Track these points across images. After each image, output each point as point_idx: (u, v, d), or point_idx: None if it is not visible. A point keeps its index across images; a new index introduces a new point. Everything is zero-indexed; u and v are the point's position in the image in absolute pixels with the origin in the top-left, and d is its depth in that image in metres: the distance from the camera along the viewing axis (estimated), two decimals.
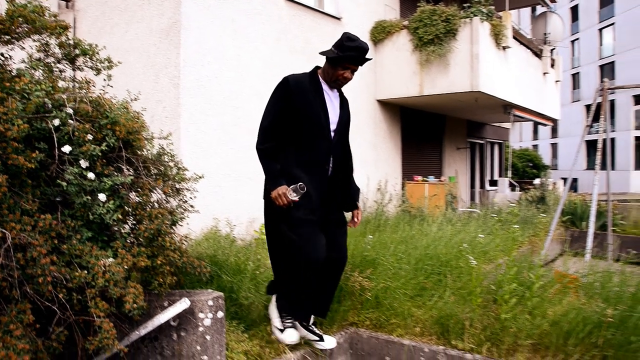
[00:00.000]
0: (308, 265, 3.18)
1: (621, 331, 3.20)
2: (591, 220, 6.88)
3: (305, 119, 3.24)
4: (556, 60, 14.64)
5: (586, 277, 4.17)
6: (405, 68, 10.47)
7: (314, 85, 3.32)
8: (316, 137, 3.29)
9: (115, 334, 2.40)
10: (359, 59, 3.26)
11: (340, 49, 3.21)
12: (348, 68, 3.26)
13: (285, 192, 3.11)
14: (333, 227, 3.46)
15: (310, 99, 3.27)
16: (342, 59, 3.21)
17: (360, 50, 3.22)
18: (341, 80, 3.32)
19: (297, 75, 3.34)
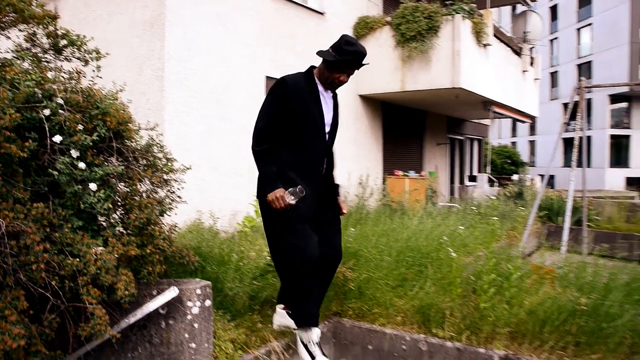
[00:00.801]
0: (302, 263, 3.18)
1: (593, 318, 3.33)
2: (567, 216, 7.06)
3: (302, 121, 3.22)
4: (535, 58, 14.87)
5: (561, 268, 4.31)
6: (388, 64, 10.57)
7: (310, 86, 3.28)
8: (312, 138, 3.28)
9: (108, 320, 2.45)
10: (357, 63, 3.22)
11: (338, 52, 3.16)
12: (345, 72, 3.22)
13: (283, 196, 3.08)
14: (327, 226, 3.46)
15: (307, 101, 3.24)
16: (340, 62, 3.17)
17: (359, 54, 3.18)
18: (336, 83, 3.28)
19: (294, 76, 3.29)
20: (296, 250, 3.18)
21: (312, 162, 3.32)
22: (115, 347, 3.01)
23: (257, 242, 5.82)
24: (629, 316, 3.28)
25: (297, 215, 3.19)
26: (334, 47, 3.20)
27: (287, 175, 3.22)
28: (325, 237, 3.39)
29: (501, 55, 12.22)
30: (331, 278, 3.65)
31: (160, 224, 2.95)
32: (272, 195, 3.11)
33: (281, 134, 3.25)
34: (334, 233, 3.53)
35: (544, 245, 6.08)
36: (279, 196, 3.08)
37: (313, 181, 3.31)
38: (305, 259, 3.18)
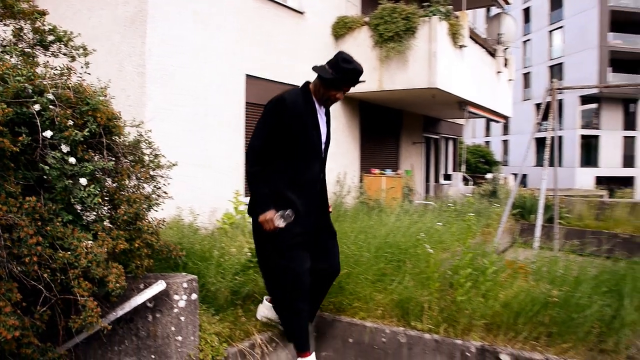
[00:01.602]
0: (295, 287, 3.28)
1: (564, 310, 3.49)
2: (539, 213, 7.27)
3: (301, 142, 3.22)
4: (509, 60, 15.17)
5: (534, 263, 4.47)
6: (366, 64, 10.60)
7: (308, 104, 3.27)
8: (311, 158, 3.29)
9: (100, 312, 2.51)
10: (354, 81, 3.20)
11: (336, 70, 3.13)
12: (342, 89, 3.21)
13: (273, 218, 3.12)
14: (325, 238, 3.54)
15: (307, 121, 3.23)
16: (338, 80, 3.15)
17: (357, 72, 3.16)
18: (332, 100, 3.27)
19: (292, 95, 3.26)
20: (289, 273, 3.28)
21: (311, 181, 3.33)
22: (104, 340, 3.06)
23: (237, 238, 5.89)
24: (597, 307, 3.45)
25: (293, 237, 3.25)
26: (331, 65, 3.17)
27: (286, 196, 3.24)
28: (323, 250, 3.48)
29: (476, 56, 12.45)
30: (327, 290, 3.78)
31: (148, 219, 3.01)
32: (262, 218, 3.15)
33: (279, 154, 3.23)
34: (332, 245, 3.60)
35: (517, 242, 6.27)
36: (269, 219, 3.13)
37: (312, 198, 3.35)
38: (298, 284, 3.28)
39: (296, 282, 3.31)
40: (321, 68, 3.21)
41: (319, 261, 3.49)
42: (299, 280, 3.32)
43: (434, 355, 3.63)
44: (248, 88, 8.52)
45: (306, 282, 3.36)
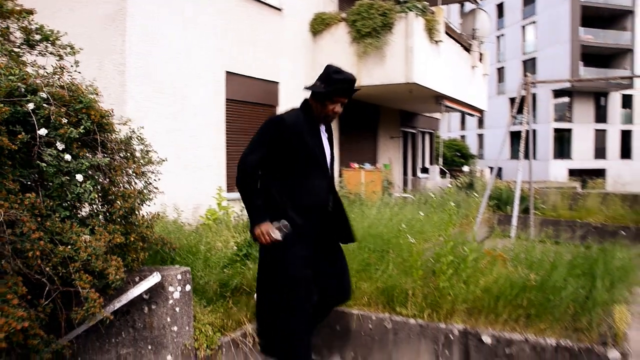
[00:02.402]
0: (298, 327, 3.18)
1: (542, 292, 3.68)
2: (515, 204, 7.49)
3: (306, 163, 3.12)
4: (484, 54, 15.44)
5: (512, 250, 4.66)
6: (344, 59, 10.82)
7: (309, 123, 3.17)
8: (318, 178, 3.17)
9: (102, 303, 2.60)
10: (348, 91, 3.12)
11: (327, 82, 3.08)
12: (337, 102, 3.10)
13: (269, 230, 3.00)
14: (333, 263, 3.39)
15: (309, 142, 3.11)
16: (331, 93, 3.07)
17: (349, 81, 3.10)
18: (331, 116, 3.16)
19: (293, 116, 3.16)
20: (293, 312, 3.14)
21: (318, 203, 3.21)
22: (102, 333, 3.15)
23: (222, 233, 5.97)
24: (572, 289, 3.64)
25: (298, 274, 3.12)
26: (321, 79, 3.13)
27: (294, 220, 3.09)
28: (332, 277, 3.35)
29: (452, 51, 12.67)
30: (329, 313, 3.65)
31: (142, 213, 3.10)
32: (257, 230, 3.03)
33: (282, 174, 3.13)
34: (343, 271, 3.45)
35: (495, 232, 6.46)
36: (265, 231, 3.01)
37: (318, 222, 3.22)
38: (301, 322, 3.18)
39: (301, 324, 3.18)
40: (313, 85, 3.16)
41: (327, 287, 3.36)
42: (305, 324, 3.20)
43: (419, 339, 3.78)
44: (228, 85, 8.58)
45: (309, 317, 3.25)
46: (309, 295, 3.22)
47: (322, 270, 3.31)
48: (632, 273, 4.14)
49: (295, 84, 10.45)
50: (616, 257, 4.12)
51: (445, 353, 3.73)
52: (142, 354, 3.22)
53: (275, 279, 3.18)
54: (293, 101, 10.34)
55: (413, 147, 17.82)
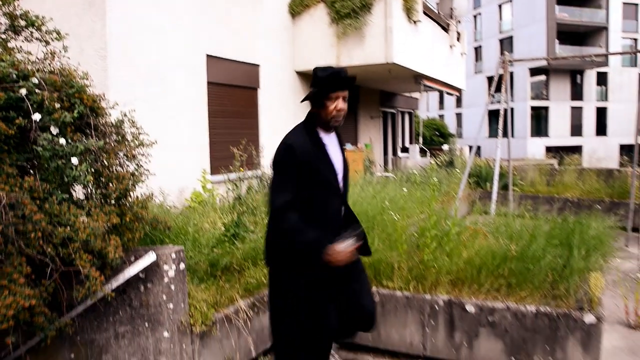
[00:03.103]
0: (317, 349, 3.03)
1: (522, 262, 3.85)
2: (495, 180, 7.70)
3: (316, 185, 2.93)
4: (461, 34, 15.57)
5: (493, 224, 4.83)
6: (323, 40, 10.87)
7: (313, 140, 2.97)
8: (329, 199, 3.01)
9: (103, 280, 2.68)
10: (341, 82, 2.95)
11: (315, 83, 2.97)
12: (336, 98, 2.94)
13: (343, 249, 2.79)
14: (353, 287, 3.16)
15: (317, 164, 2.93)
16: (322, 90, 2.93)
17: (336, 72, 2.94)
18: (336, 116, 2.96)
19: (298, 139, 2.93)
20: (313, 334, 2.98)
21: (331, 224, 3.01)
22: (99, 312, 3.24)
23: (209, 215, 6.05)
24: (550, 258, 3.83)
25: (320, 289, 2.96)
26: (312, 84, 3.02)
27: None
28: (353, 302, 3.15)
29: (430, 31, 12.78)
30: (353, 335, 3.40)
31: (136, 194, 3.18)
32: (333, 257, 2.81)
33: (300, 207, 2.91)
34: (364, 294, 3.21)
35: (475, 208, 6.65)
36: (341, 251, 2.80)
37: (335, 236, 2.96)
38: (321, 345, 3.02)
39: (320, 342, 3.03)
40: (307, 95, 3.03)
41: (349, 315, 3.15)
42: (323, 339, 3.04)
43: (406, 310, 3.94)
44: (209, 68, 8.59)
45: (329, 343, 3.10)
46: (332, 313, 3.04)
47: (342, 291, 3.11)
48: (606, 242, 4.34)
49: (276, 66, 10.50)
50: (591, 228, 4.31)
51: (431, 323, 3.89)
52: (140, 331, 3.32)
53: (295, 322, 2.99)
54: (273, 83, 10.42)
55: (393, 126, 17.98)
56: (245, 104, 9.73)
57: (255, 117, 10.01)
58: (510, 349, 3.66)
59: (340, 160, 3.09)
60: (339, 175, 3.05)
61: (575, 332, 3.48)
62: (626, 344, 4.45)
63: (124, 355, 3.35)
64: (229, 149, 7.29)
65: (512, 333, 3.64)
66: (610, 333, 4.59)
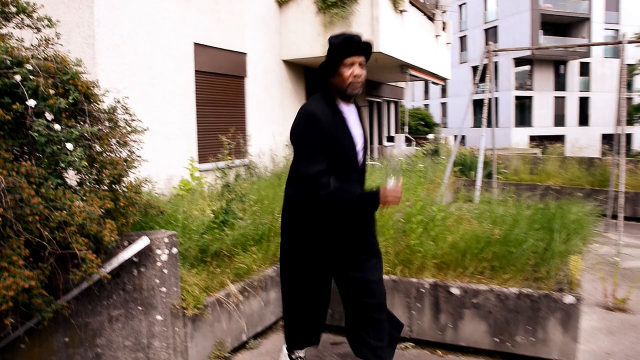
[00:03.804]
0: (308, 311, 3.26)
1: (505, 246, 3.98)
2: (479, 168, 7.84)
3: (336, 154, 2.87)
4: (447, 23, 15.67)
5: (477, 210, 4.96)
6: (310, 30, 10.91)
7: (332, 109, 2.90)
8: (348, 171, 2.94)
9: (100, 263, 2.75)
10: (355, 47, 2.86)
11: (329, 51, 2.88)
12: (352, 64, 2.85)
13: (394, 189, 2.84)
14: (364, 264, 3.15)
15: (338, 133, 2.88)
16: (337, 56, 2.84)
17: (349, 38, 2.86)
18: (353, 83, 2.87)
19: (319, 108, 2.87)
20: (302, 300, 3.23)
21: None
22: (94, 295, 3.30)
23: (198, 202, 6.11)
24: (532, 241, 3.96)
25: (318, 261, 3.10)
26: (326, 54, 2.94)
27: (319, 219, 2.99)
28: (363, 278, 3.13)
29: (416, 20, 12.86)
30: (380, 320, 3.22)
31: (130, 180, 3.24)
32: (388, 199, 2.86)
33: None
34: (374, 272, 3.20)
35: (460, 195, 6.78)
36: (392, 191, 2.85)
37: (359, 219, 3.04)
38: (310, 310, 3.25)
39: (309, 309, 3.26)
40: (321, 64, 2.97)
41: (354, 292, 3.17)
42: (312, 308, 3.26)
43: (393, 294, 4.05)
44: (197, 56, 8.61)
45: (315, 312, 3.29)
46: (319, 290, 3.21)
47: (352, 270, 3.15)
48: (586, 227, 4.49)
49: (263, 55, 10.52)
50: (571, 213, 4.45)
51: (417, 305, 4.01)
52: (133, 315, 3.39)
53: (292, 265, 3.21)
54: (260, 72, 10.45)
55: (379, 115, 18.09)
56: (233, 92, 9.76)
57: (243, 105, 10.05)
58: (493, 330, 3.79)
59: (360, 133, 3.03)
60: (359, 147, 2.99)
61: (556, 313, 3.61)
62: (604, 324, 4.61)
63: (117, 338, 3.42)
64: (216, 137, 7.34)
65: (495, 314, 3.77)
66: (589, 315, 4.75)
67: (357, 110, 3.11)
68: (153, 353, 3.42)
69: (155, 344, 3.42)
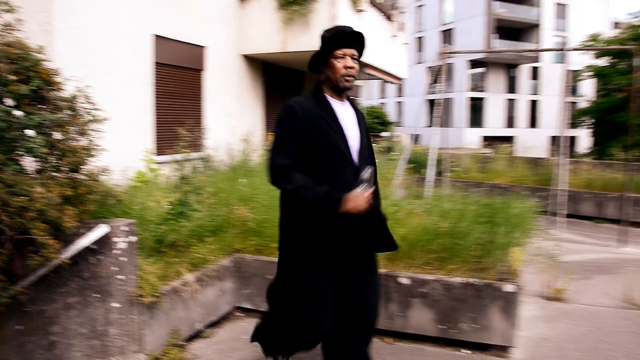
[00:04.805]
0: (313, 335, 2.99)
1: (451, 238, 4.19)
2: (430, 166, 8.10)
3: (321, 148, 2.77)
4: (404, 24, 15.97)
5: (427, 204, 5.17)
6: (270, 26, 10.98)
7: (322, 106, 2.83)
8: (338, 167, 2.81)
9: (60, 248, 2.79)
10: (345, 38, 2.80)
11: (321, 44, 2.83)
12: (344, 56, 2.79)
13: (358, 195, 2.68)
14: (359, 277, 2.99)
15: (323, 125, 2.77)
16: (328, 48, 2.79)
17: (340, 31, 2.81)
18: (346, 75, 2.80)
19: (302, 101, 2.83)
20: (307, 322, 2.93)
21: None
22: (50, 283, 3.32)
23: (154, 194, 6.13)
24: (476, 234, 4.19)
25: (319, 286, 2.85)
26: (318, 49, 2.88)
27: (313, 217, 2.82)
28: (358, 293, 2.98)
29: (374, 20, 13.09)
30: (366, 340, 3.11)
31: (90, 168, 3.28)
32: (350, 204, 2.69)
33: (302, 169, 2.79)
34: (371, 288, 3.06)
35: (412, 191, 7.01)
36: (356, 197, 2.68)
37: (344, 220, 2.80)
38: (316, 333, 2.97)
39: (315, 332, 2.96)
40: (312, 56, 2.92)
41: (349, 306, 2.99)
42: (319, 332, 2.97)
43: None
44: (157, 48, 8.56)
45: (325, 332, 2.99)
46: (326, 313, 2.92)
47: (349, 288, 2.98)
48: (527, 222, 4.76)
49: (222, 49, 10.53)
50: (514, 208, 4.72)
51: None
52: (89, 302, 3.43)
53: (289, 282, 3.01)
54: (219, 66, 10.45)
55: None
56: (191, 85, 9.74)
57: (200, 99, 10.05)
58: (440, 318, 4.00)
59: (356, 130, 2.93)
60: (353, 144, 2.86)
61: (497, 301, 3.84)
62: (543, 313, 4.91)
63: (73, 326, 3.45)
64: (174, 129, 7.33)
65: (441, 303, 3.97)
66: (530, 304, 5.04)
67: (355, 109, 3.04)
68: (109, 340, 3.47)
69: (112, 331, 3.47)
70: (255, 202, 5.09)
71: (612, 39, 26.30)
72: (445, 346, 4.05)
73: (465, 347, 4.01)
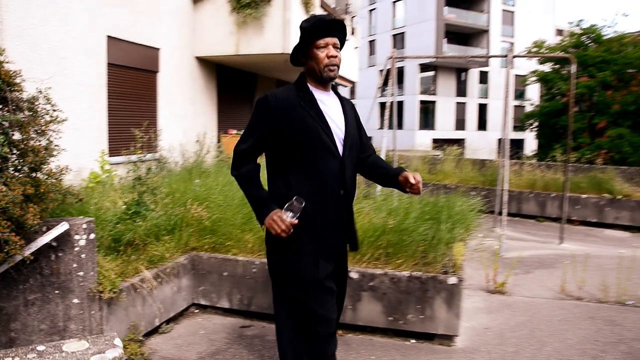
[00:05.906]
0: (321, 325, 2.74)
1: (398, 234, 4.46)
2: None
3: (300, 139, 2.65)
4: (356, 28, 16.32)
5: (375, 203, 5.43)
6: (223, 28, 11.09)
7: (303, 96, 2.74)
8: (319, 158, 2.68)
9: (23, 244, 2.89)
10: (326, 26, 2.72)
11: (301, 36, 2.76)
12: (325, 45, 2.72)
13: (281, 216, 2.55)
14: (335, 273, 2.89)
15: (302, 115, 2.67)
16: (308, 38, 2.71)
17: (319, 19, 2.73)
18: (329, 64, 2.73)
19: (279, 92, 2.75)
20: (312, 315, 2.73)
21: (324, 188, 2.69)
22: (10, 279, 3.40)
23: (109, 194, 6.18)
24: (422, 230, 4.47)
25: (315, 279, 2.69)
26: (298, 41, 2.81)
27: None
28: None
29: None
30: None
31: (51, 167, 3.37)
32: (268, 220, 2.60)
33: (284, 162, 2.72)
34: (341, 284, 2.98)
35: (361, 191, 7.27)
36: (277, 218, 2.56)
37: (331, 210, 2.72)
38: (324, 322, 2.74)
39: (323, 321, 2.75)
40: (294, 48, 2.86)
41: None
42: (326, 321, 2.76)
43: None
44: (109, 49, 8.56)
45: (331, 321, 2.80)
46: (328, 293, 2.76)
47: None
48: (470, 219, 5.09)
49: (176, 51, 10.59)
50: (457, 206, 5.03)
51: None
52: (50, 298, 3.52)
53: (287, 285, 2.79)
54: (173, 68, 10.50)
55: None
56: (145, 87, 9.76)
57: (155, 100, 10.07)
58: (388, 310, 4.25)
59: (341, 120, 2.80)
60: (337, 135, 2.74)
61: (441, 292, 4.12)
62: (485, 305, 5.24)
63: (33, 322, 3.53)
64: (128, 131, 7.37)
65: (389, 295, 4.22)
66: (473, 297, 5.36)
67: (341, 99, 2.93)
68: (68, 336, 3.56)
69: (72, 326, 3.56)
70: (210, 202, 5.24)
71: (554, 46, 27.40)
72: (393, 337, 4.31)
73: (413, 337, 4.28)
